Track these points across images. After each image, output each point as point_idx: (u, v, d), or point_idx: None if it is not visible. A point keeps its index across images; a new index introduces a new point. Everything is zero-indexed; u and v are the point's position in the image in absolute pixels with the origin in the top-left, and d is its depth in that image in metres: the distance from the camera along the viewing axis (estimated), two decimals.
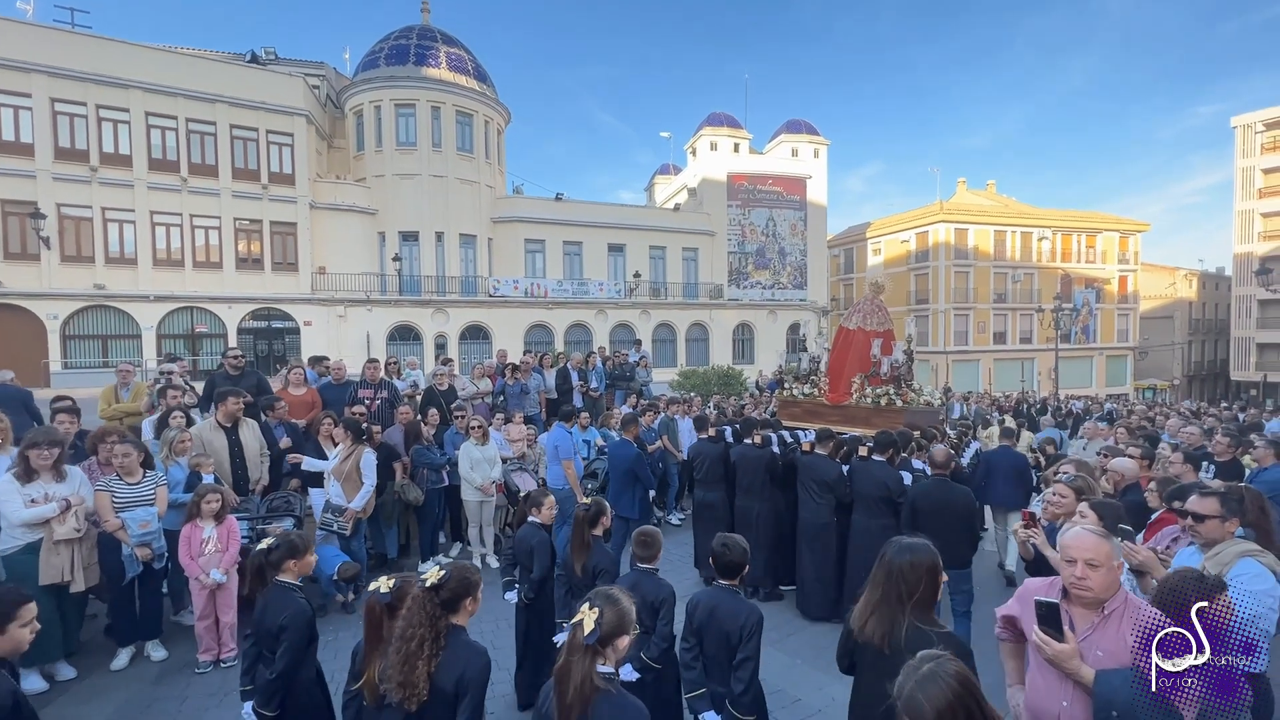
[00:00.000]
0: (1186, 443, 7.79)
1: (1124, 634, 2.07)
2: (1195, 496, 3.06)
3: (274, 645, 2.90)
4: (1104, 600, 2.13)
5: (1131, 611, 2.12)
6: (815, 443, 5.98)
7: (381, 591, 2.42)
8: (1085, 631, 2.11)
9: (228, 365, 6.95)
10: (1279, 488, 5.71)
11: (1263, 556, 2.71)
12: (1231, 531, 2.93)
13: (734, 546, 3.01)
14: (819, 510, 5.67)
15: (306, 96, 23.54)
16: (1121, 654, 2.04)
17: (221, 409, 5.74)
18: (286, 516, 5.68)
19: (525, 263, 27.91)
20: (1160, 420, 12.52)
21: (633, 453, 6.49)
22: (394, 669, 2.23)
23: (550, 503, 4.19)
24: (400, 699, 2.19)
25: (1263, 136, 35.50)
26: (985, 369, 37.26)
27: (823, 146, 33.79)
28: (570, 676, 1.94)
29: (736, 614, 2.84)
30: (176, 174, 21.20)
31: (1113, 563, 2.11)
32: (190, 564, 4.52)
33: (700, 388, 17.77)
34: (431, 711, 2.22)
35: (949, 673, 1.53)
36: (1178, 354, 45.14)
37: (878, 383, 7.78)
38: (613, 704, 1.95)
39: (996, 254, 38.21)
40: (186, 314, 21.79)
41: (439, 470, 6.76)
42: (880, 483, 5.33)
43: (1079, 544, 2.15)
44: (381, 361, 8.74)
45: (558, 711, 1.93)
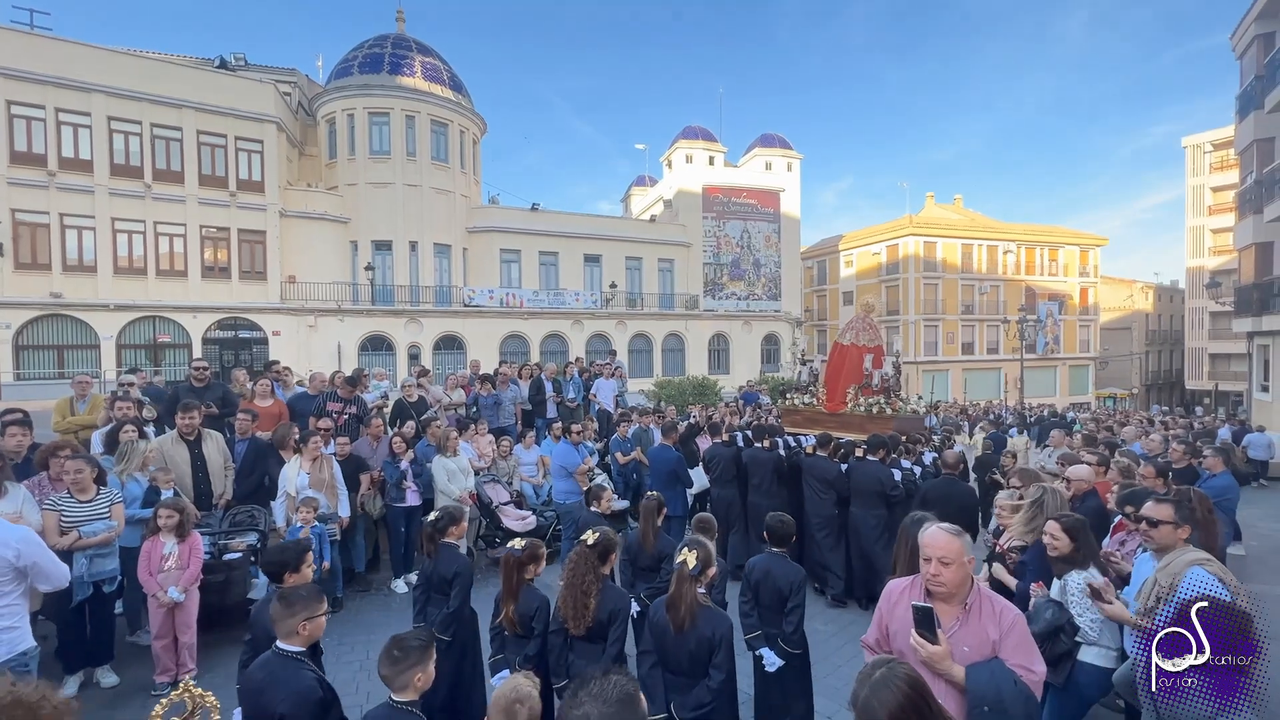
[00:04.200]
0: (1148, 450, 8.08)
1: (984, 626, 2.18)
2: (1151, 503, 3.14)
3: (446, 590, 3.77)
4: (958, 595, 2.24)
5: (987, 604, 2.24)
6: (817, 446, 6.77)
7: (516, 549, 3.33)
8: (952, 628, 2.20)
9: (192, 377, 6.77)
10: (1227, 494, 5.97)
11: (1210, 565, 2.82)
12: (1183, 538, 3.03)
13: (787, 523, 3.81)
14: (823, 504, 6.44)
15: (277, 103, 23.18)
16: (984, 647, 2.15)
17: (178, 422, 5.57)
18: (250, 531, 5.54)
19: (501, 273, 27.76)
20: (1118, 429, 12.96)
21: (675, 456, 7.25)
22: (568, 605, 3.16)
23: (608, 495, 4.92)
24: (573, 627, 3.14)
25: (1211, 156, 37.16)
26: (954, 379, 38.08)
27: (796, 160, 34.39)
28: (683, 600, 2.90)
29: (788, 573, 3.65)
30: (140, 180, 20.64)
31: (964, 559, 2.21)
32: (148, 580, 4.36)
33: (676, 398, 17.81)
34: (593, 634, 3.16)
35: (899, 676, 1.59)
36: (1136, 364, 46.73)
37: (870, 393, 8.80)
38: (708, 614, 2.95)
39: (964, 266, 39.22)
40: (149, 324, 21.13)
41: (398, 485, 6.58)
42: (875, 479, 6.16)
43: (933, 543, 2.25)
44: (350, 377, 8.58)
45: (673, 624, 2.90)
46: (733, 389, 21.22)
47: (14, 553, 3.06)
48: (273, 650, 2.46)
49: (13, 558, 3.06)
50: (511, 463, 8.14)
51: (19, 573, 3.10)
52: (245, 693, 2.46)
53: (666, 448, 7.33)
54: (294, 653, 2.44)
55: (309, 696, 2.31)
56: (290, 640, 2.45)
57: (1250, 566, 7.56)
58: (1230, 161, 30.40)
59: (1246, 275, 18.02)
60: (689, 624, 2.88)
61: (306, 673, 2.40)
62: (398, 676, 2.33)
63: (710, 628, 2.92)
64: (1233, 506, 6.18)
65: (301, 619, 2.45)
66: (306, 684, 2.34)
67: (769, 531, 3.81)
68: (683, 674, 2.97)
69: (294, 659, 2.42)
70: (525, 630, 3.32)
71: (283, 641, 2.45)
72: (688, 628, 2.89)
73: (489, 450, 8.07)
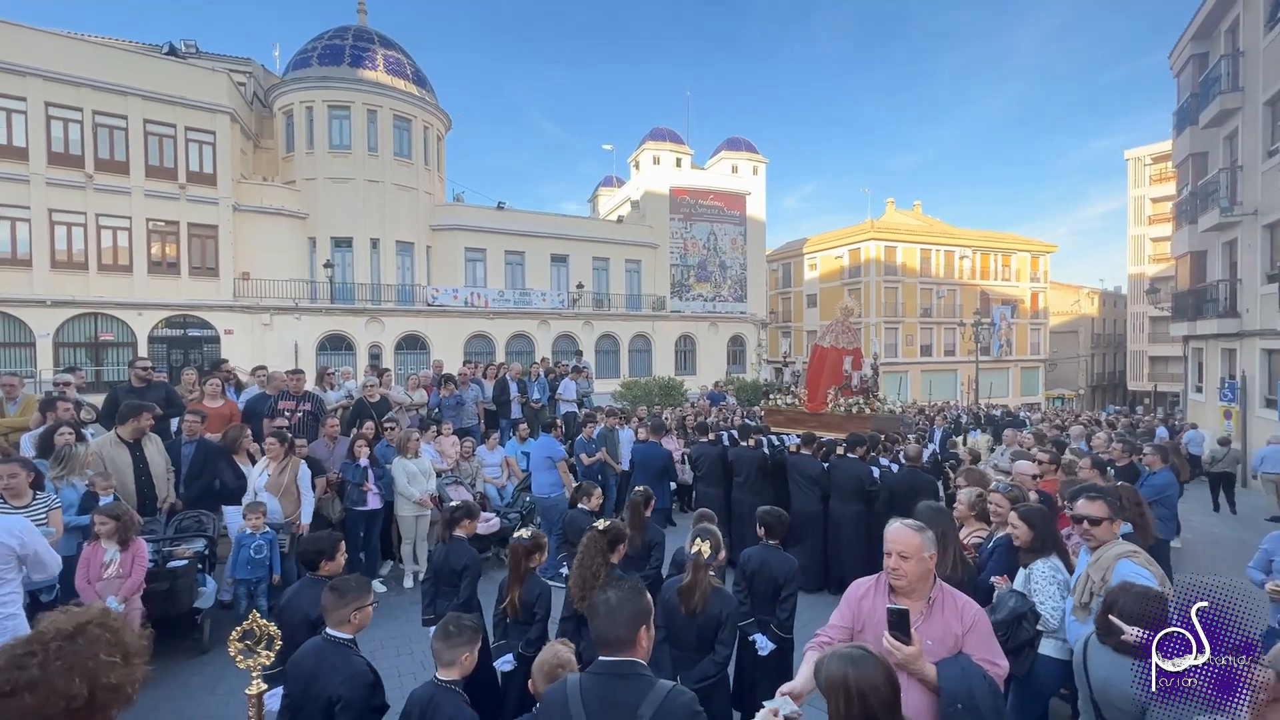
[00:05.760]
0: (1094, 448, 8.44)
1: (947, 621, 2.24)
2: (1083, 500, 3.20)
3: (455, 581, 3.94)
4: (920, 590, 2.29)
5: (949, 600, 2.30)
6: (802, 445, 7.07)
7: (525, 537, 3.55)
8: (915, 623, 2.24)
9: (134, 377, 6.45)
10: (1166, 491, 6.26)
11: (1137, 557, 2.94)
12: (1115, 532, 3.15)
13: (781, 517, 4.04)
14: (809, 500, 6.70)
15: (231, 93, 22.31)
16: (947, 640, 2.20)
17: (127, 425, 5.30)
18: (198, 537, 5.31)
19: (465, 272, 27.33)
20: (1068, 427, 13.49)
21: (663, 452, 7.73)
22: (577, 587, 3.38)
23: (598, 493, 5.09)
24: (582, 606, 3.28)
25: (1151, 169, 39.14)
26: (914, 380, 39.13)
27: (761, 164, 34.83)
28: (699, 586, 3.12)
29: (782, 564, 3.88)
30: (81, 169, 19.58)
31: (923, 554, 2.26)
32: (85, 589, 4.12)
33: (643, 399, 17.83)
34: None
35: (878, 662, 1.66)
36: (1083, 365, 48.89)
37: (849, 394, 9.12)
38: (717, 595, 3.18)
39: (923, 271, 40.33)
40: (89, 321, 20.08)
41: (359, 487, 6.41)
42: (855, 475, 6.48)
43: (894, 537, 2.30)
44: (311, 373, 8.35)
45: (685, 607, 3.13)
46: (699, 390, 21.35)
47: (18, 541, 3.12)
48: (322, 637, 2.60)
49: (16, 546, 3.11)
50: (474, 464, 8.01)
51: (20, 561, 3.16)
52: (295, 678, 2.57)
53: (655, 445, 7.79)
54: (344, 640, 2.57)
55: (363, 680, 2.49)
56: (341, 628, 2.58)
57: (1186, 558, 7.97)
58: (1168, 174, 32.03)
59: (1183, 282, 19.00)
60: (701, 608, 3.12)
61: (357, 658, 2.56)
62: (447, 652, 2.53)
63: (718, 607, 3.15)
64: (1173, 502, 6.50)
65: (353, 608, 2.59)
66: (360, 668, 2.52)
67: (764, 525, 4.02)
68: (690, 650, 3.19)
69: (344, 645, 2.57)
70: (527, 615, 3.52)
71: (333, 629, 2.57)
72: (699, 610, 3.12)
73: (453, 452, 7.93)
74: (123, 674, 1.32)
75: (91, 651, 1.29)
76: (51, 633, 1.30)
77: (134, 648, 1.38)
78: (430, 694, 2.49)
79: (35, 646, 1.27)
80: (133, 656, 1.36)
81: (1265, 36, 13.69)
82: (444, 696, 2.48)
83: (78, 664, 1.26)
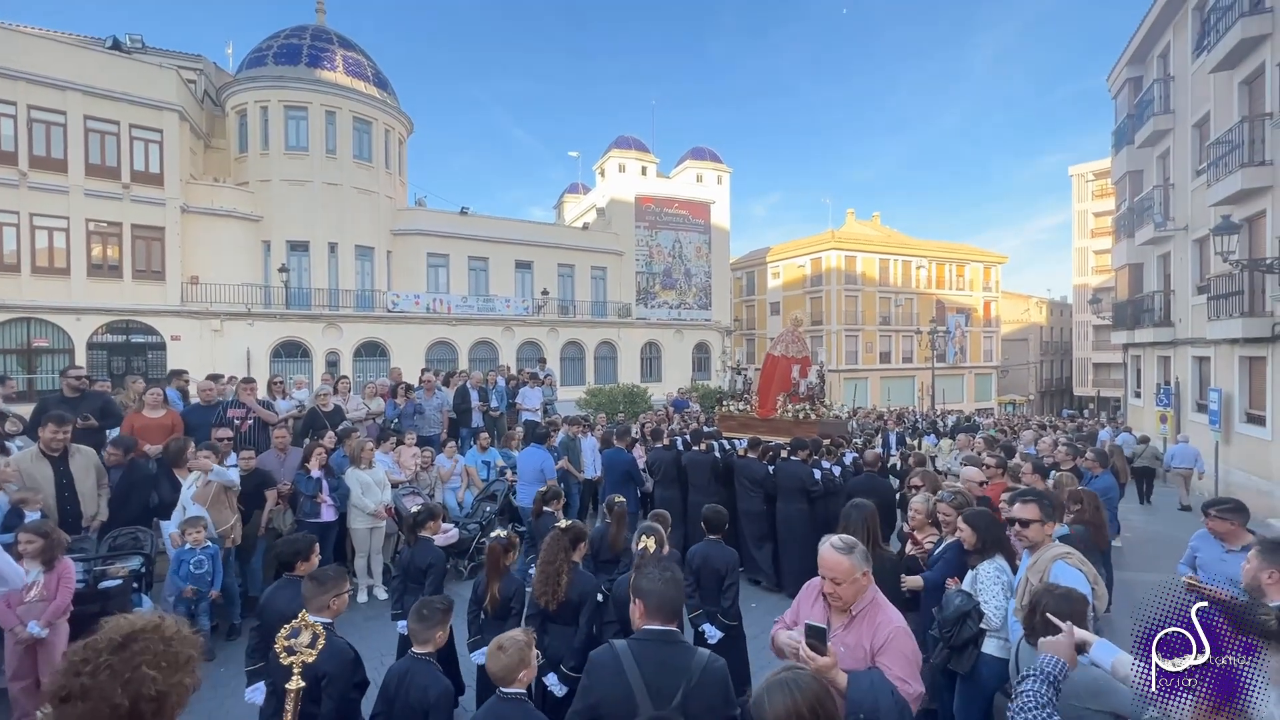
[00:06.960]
0: (1041, 453, 8.76)
1: (860, 634, 2.32)
2: (1018, 504, 3.25)
3: (421, 579, 4.17)
4: (856, 601, 2.37)
5: (873, 614, 2.36)
6: (748, 449, 7.51)
7: (501, 536, 3.80)
8: (836, 630, 2.33)
9: (65, 386, 6.11)
10: (1108, 494, 6.52)
11: (1070, 558, 3.05)
12: (1049, 534, 3.25)
13: (721, 513, 4.41)
14: (753, 500, 7.03)
15: (180, 90, 21.47)
16: (857, 652, 2.28)
17: (41, 436, 4.97)
18: (134, 555, 5.04)
19: (427, 277, 26.86)
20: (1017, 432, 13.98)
21: (628, 458, 7.90)
22: (540, 583, 3.51)
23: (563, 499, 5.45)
24: (545, 602, 3.47)
25: (1093, 184, 41.07)
26: (874, 386, 40.06)
27: (726, 174, 35.27)
28: None
29: (724, 556, 4.19)
30: (14, 166, 18.51)
31: (855, 575, 2.33)
32: (5, 613, 3.85)
33: (607, 406, 17.76)
34: (561, 613, 3.52)
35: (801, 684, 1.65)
36: (1032, 372, 50.90)
37: (797, 400, 9.54)
38: None
39: (881, 280, 41.43)
40: (21, 326, 18.97)
41: (312, 499, 6.16)
42: (797, 477, 6.79)
43: (826, 563, 2.38)
44: (262, 381, 8.05)
45: None
46: (664, 397, 21.40)
47: None
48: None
49: None
50: (434, 474, 7.83)
51: None
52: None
53: (620, 450, 8.00)
54: (325, 624, 2.78)
55: (345, 657, 2.86)
56: (322, 614, 2.86)
57: (1126, 556, 8.33)
58: (1109, 190, 33.66)
59: (1122, 292, 19.96)
60: None
61: (337, 638, 2.88)
62: (423, 631, 2.94)
63: None
64: (1114, 504, 6.81)
65: (332, 594, 2.96)
66: (341, 645, 2.88)
67: (706, 521, 4.31)
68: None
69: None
70: (504, 610, 3.75)
71: (314, 614, 2.77)
72: None
73: (412, 463, 7.69)
74: (168, 684, 1.33)
75: (137, 663, 1.30)
76: (104, 641, 1.32)
77: (184, 658, 1.39)
78: (408, 666, 2.89)
79: (90, 654, 1.30)
80: (182, 667, 1.37)
81: (1193, 63, 14.53)
82: (419, 667, 2.86)
83: (121, 675, 1.28)
